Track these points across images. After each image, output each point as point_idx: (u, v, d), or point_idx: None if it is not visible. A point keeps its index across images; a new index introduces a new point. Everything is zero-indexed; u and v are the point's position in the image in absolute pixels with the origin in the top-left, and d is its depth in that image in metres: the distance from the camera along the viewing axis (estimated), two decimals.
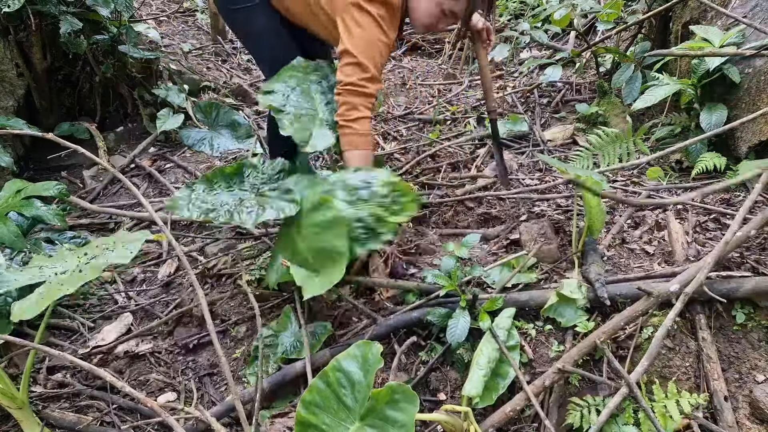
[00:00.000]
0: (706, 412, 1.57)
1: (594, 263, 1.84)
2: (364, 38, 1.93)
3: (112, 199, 3.00)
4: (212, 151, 3.39)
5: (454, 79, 4.41)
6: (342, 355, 1.31)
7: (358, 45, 1.93)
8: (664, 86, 2.54)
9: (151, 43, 3.71)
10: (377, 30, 1.92)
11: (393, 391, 1.22)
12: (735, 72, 2.38)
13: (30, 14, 2.85)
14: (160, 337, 2.11)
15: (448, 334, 1.70)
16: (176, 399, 1.87)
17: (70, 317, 2.19)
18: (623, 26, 3.44)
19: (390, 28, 1.96)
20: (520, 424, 1.64)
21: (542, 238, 2.03)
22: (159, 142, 3.47)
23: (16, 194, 2.13)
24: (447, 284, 1.80)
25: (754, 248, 1.90)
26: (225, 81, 4.24)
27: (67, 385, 1.91)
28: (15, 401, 1.61)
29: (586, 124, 3.20)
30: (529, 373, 1.70)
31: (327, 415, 1.25)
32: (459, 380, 1.74)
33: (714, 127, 2.40)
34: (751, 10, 2.52)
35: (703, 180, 2.40)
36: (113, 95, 3.53)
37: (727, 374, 1.65)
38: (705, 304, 1.74)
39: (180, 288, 2.33)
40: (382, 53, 1.97)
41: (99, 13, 3.04)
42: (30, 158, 3.25)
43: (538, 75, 3.98)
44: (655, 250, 2.01)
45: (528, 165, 2.88)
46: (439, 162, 2.98)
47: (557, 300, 1.74)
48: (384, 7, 1.91)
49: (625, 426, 1.50)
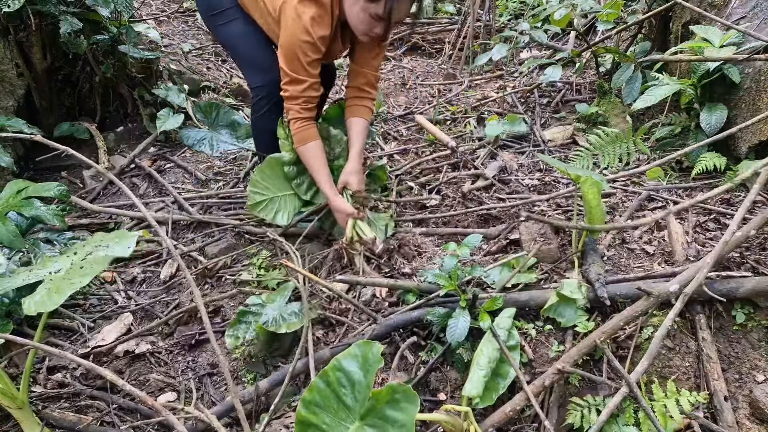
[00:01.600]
0: (706, 412, 1.57)
1: (594, 263, 1.84)
2: (285, 42, 2.05)
3: (112, 199, 2.99)
4: (212, 151, 3.39)
5: (454, 79, 4.41)
6: (342, 355, 1.31)
7: (281, 49, 2.08)
8: (664, 86, 2.54)
9: (151, 43, 3.70)
10: (299, 30, 2.00)
11: (393, 390, 1.22)
12: (735, 72, 2.38)
13: (30, 14, 2.85)
14: (160, 337, 2.11)
15: (448, 334, 1.70)
16: (176, 399, 1.87)
17: (69, 317, 2.19)
18: (623, 26, 3.44)
19: (320, 25, 2.02)
20: (520, 424, 1.64)
21: (542, 238, 2.03)
22: (159, 142, 3.47)
23: (16, 194, 2.13)
24: (447, 284, 1.80)
25: (754, 248, 1.90)
26: (225, 81, 4.24)
27: (67, 385, 1.91)
28: (15, 401, 1.61)
29: (586, 124, 3.20)
30: (529, 373, 1.70)
31: (327, 415, 1.25)
32: (459, 380, 1.74)
33: (714, 128, 2.40)
34: (751, 11, 2.52)
35: (703, 180, 2.40)
36: (113, 95, 3.52)
37: (727, 374, 1.65)
38: (705, 304, 1.74)
39: (180, 288, 2.33)
40: (306, 52, 2.05)
41: (99, 13, 3.04)
42: (30, 158, 3.25)
43: (538, 75, 3.98)
44: (655, 250, 2.01)
45: (528, 165, 2.88)
46: (440, 162, 2.97)
47: (557, 300, 1.74)
48: (313, 5, 1.98)
49: (626, 426, 1.50)
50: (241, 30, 2.29)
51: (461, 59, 4.63)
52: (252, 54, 2.31)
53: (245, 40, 2.30)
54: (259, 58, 2.29)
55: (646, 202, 2.32)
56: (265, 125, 2.38)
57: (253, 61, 2.31)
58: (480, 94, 3.95)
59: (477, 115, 3.54)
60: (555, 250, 2.02)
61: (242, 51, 2.33)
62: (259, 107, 2.33)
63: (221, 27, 2.32)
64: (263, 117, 2.35)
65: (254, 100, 2.35)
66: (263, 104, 2.31)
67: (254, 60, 2.30)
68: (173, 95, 3.43)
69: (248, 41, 2.30)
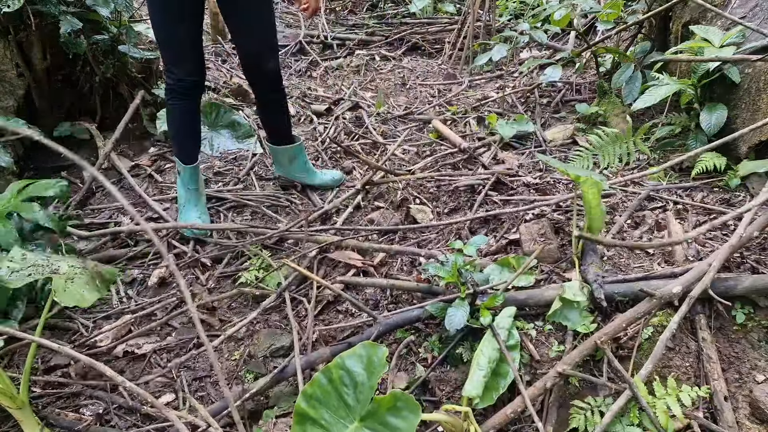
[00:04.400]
0: (706, 412, 1.57)
1: (592, 264, 1.84)
2: None
3: (112, 199, 2.99)
4: (212, 151, 3.39)
5: (454, 79, 4.41)
6: (347, 354, 1.31)
7: None
8: (664, 86, 2.54)
9: (151, 43, 3.70)
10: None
11: (396, 398, 1.22)
12: (735, 72, 2.38)
13: (30, 14, 2.85)
14: (160, 338, 2.11)
15: (447, 322, 1.69)
16: (175, 399, 1.87)
17: (69, 317, 2.19)
18: (623, 26, 3.44)
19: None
20: (520, 424, 1.64)
21: (542, 238, 2.03)
22: (159, 142, 3.47)
23: (17, 194, 2.13)
24: (447, 276, 1.80)
25: (754, 248, 1.90)
26: (225, 81, 4.24)
27: (67, 385, 1.91)
28: (15, 401, 1.61)
29: (586, 124, 3.20)
30: (529, 374, 1.70)
31: (327, 411, 1.26)
32: (459, 380, 1.74)
33: (714, 128, 2.40)
34: (751, 10, 2.52)
35: (703, 179, 2.40)
36: (113, 95, 3.52)
37: (727, 374, 1.65)
38: (705, 304, 1.74)
39: (180, 288, 2.33)
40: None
41: (99, 13, 3.04)
42: (30, 158, 3.25)
43: (538, 75, 3.98)
44: (655, 250, 2.00)
45: (528, 165, 2.88)
46: (440, 162, 2.98)
47: (561, 304, 1.73)
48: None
49: (630, 426, 1.50)
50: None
51: (461, 59, 4.63)
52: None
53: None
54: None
55: (646, 202, 2.32)
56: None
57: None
58: (480, 94, 3.95)
59: (477, 115, 3.54)
60: (555, 250, 2.02)
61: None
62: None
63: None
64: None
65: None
66: None
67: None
68: None
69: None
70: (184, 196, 2.59)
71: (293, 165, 2.85)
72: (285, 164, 2.86)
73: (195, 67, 2.42)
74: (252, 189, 2.97)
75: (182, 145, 2.57)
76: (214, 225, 2.57)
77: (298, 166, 2.85)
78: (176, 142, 2.59)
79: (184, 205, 2.59)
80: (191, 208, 2.58)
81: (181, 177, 2.58)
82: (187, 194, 2.59)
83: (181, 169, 2.56)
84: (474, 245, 2.02)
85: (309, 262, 2.29)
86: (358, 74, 4.65)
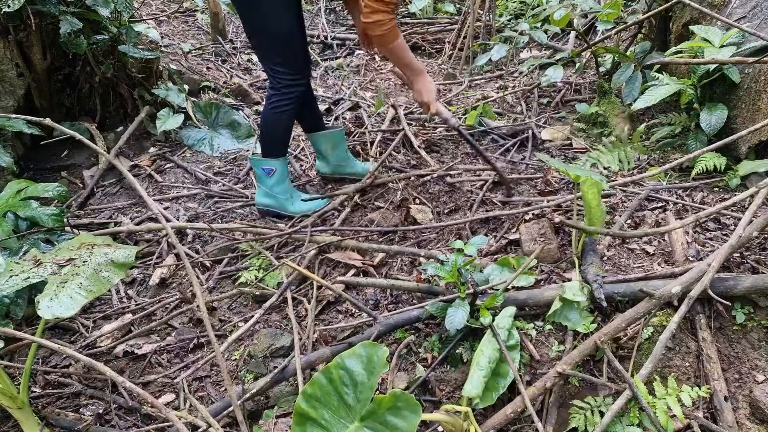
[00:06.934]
0: (706, 412, 1.57)
1: (592, 264, 1.84)
2: None
3: (112, 199, 2.99)
4: (212, 151, 3.40)
5: (454, 79, 4.41)
6: (347, 354, 1.31)
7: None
8: (664, 86, 2.54)
9: (151, 43, 3.70)
10: None
11: (396, 398, 1.22)
12: (735, 72, 2.38)
13: (30, 14, 2.85)
14: (160, 338, 2.11)
15: (447, 322, 1.69)
16: (175, 399, 1.87)
17: (69, 317, 2.19)
18: (623, 26, 3.44)
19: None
20: (520, 424, 1.64)
21: (542, 238, 2.03)
22: (159, 142, 3.47)
23: (16, 194, 2.13)
24: (447, 276, 1.80)
25: (753, 248, 1.90)
26: (225, 81, 4.24)
27: (67, 385, 1.91)
28: (15, 401, 1.61)
29: (586, 124, 3.20)
30: (529, 374, 1.70)
31: (327, 411, 1.25)
32: (459, 380, 1.74)
33: (714, 127, 2.40)
34: (751, 10, 2.52)
35: (703, 179, 2.40)
36: (113, 95, 3.52)
37: (727, 374, 1.65)
38: (705, 304, 1.74)
39: (180, 288, 2.32)
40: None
41: (99, 13, 3.04)
42: (30, 158, 3.25)
43: (539, 75, 3.98)
44: (655, 250, 2.01)
45: (528, 165, 2.88)
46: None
47: (561, 304, 1.73)
48: None
49: (630, 426, 1.50)
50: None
51: (461, 59, 4.62)
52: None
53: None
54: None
55: (646, 202, 2.32)
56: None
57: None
58: (480, 94, 3.95)
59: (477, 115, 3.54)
60: (555, 250, 2.02)
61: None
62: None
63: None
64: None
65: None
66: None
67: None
68: (173, 95, 3.43)
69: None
70: (287, 189, 2.62)
71: (335, 152, 2.84)
72: (328, 153, 2.84)
73: (308, 69, 2.50)
74: (252, 189, 2.97)
75: (285, 143, 2.57)
76: (221, 226, 2.57)
77: (340, 153, 2.85)
78: (281, 142, 2.55)
79: (291, 195, 2.63)
80: (297, 196, 2.66)
81: (277, 175, 2.56)
82: (288, 184, 2.63)
83: (279, 164, 2.55)
84: (474, 245, 2.02)
85: (309, 262, 2.29)
86: (357, 74, 4.65)
